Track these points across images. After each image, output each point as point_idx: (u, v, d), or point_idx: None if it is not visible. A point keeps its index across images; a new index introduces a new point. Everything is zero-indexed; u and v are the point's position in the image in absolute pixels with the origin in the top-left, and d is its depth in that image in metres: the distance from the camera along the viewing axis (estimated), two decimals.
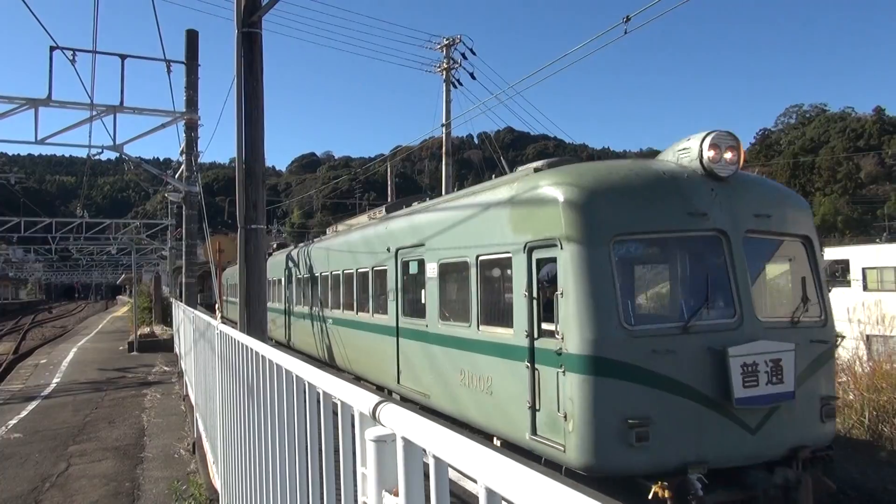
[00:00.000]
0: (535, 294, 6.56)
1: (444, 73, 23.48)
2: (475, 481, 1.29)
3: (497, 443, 7.37)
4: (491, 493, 1.27)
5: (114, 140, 15.59)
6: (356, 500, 2.01)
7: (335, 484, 2.33)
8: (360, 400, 1.94)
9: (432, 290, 8.87)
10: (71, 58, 13.45)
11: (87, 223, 33.73)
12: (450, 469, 1.49)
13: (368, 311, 11.76)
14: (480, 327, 7.61)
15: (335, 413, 2.25)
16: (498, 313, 7.59)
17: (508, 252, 7.03)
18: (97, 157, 17.47)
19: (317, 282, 15.91)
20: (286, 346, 18.33)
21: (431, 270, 8.92)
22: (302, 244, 20.04)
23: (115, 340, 26.12)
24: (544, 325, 6.42)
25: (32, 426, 10.64)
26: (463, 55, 23.37)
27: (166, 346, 21.04)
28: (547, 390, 6.20)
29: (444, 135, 23.32)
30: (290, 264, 19.18)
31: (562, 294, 6.01)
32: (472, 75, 23.36)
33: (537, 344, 6.44)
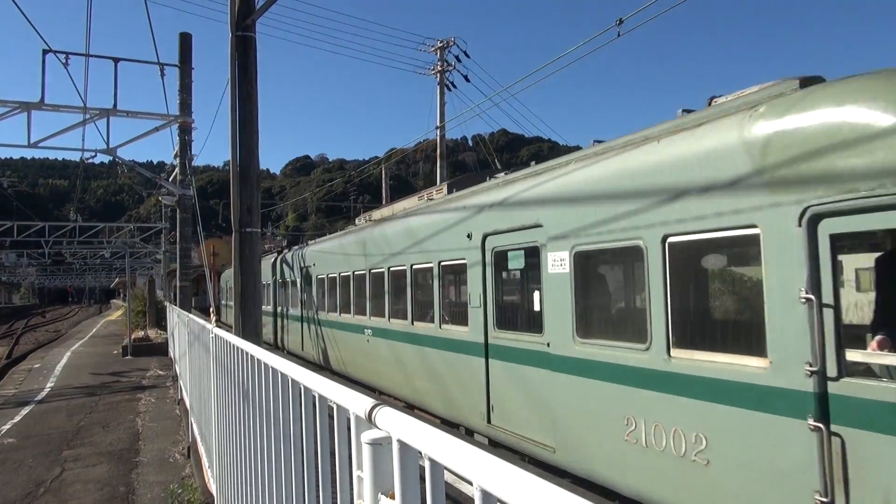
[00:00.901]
0: (827, 299, 3.98)
1: (439, 75, 23.53)
2: (471, 483, 1.30)
3: None
4: (486, 495, 1.28)
5: (107, 143, 15.57)
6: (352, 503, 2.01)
7: (331, 487, 2.33)
8: (355, 403, 1.94)
9: (559, 291, 6.46)
10: (64, 61, 13.45)
11: (80, 227, 33.68)
12: (446, 471, 1.50)
13: (432, 321, 9.27)
14: (673, 351, 5.06)
15: (331, 416, 2.25)
16: (717, 330, 5.35)
17: (752, 226, 4.40)
18: (90, 160, 17.63)
19: (347, 283, 13.23)
20: (295, 357, 16.97)
21: (558, 262, 6.49)
22: (321, 239, 17.53)
23: (110, 344, 26.00)
24: (851, 355, 3.93)
25: (26, 431, 10.58)
26: (457, 58, 23.49)
27: (161, 349, 20.97)
28: (869, 474, 3.73)
29: (438, 137, 23.35)
30: (305, 263, 16.53)
31: None
32: (466, 78, 23.48)
33: (835, 388, 3.92)
